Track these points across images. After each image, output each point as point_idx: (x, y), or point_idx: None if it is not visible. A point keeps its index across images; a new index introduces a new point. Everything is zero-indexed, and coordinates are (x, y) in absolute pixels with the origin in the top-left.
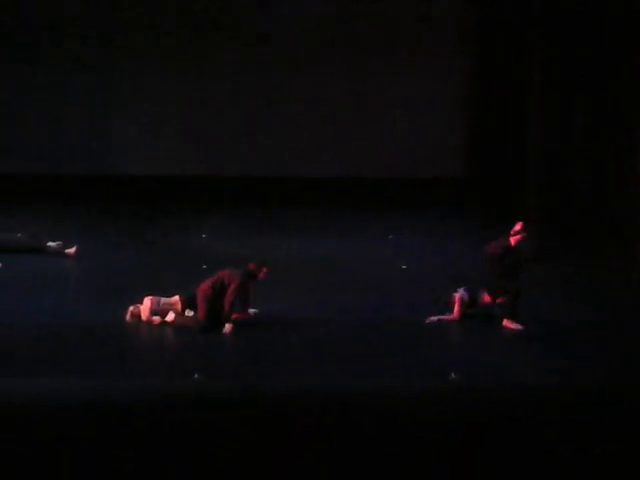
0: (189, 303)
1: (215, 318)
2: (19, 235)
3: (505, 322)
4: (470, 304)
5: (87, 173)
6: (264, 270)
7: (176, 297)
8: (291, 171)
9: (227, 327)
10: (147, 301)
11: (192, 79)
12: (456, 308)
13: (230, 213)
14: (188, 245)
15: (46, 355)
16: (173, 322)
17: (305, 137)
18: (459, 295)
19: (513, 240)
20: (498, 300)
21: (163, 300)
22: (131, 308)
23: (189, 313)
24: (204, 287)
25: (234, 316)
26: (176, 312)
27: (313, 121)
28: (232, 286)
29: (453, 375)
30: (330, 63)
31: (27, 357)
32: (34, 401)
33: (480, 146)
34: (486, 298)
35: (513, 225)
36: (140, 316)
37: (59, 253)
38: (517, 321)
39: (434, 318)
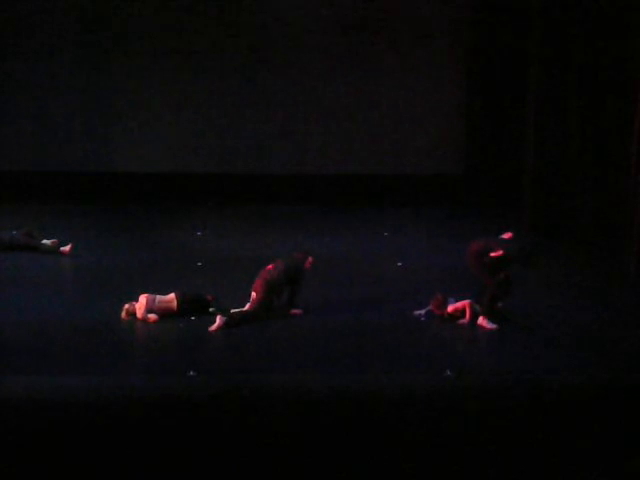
0: (184, 301)
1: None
2: (14, 233)
3: (480, 321)
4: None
5: (82, 171)
6: (309, 260)
7: (172, 295)
8: (288, 169)
9: (296, 311)
10: (142, 299)
11: (191, 77)
12: (468, 313)
13: (226, 211)
14: (183, 243)
15: (40, 353)
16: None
17: (303, 135)
18: (469, 302)
19: (495, 254)
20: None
21: (159, 298)
22: (126, 306)
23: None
24: (262, 283)
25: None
26: (172, 309)
27: (311, 119)
28: (302, 276)
29: (448, 372)
30: (329, 62)
31: (20, 355)
32: (27, 399)
33: (478, 145)
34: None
35: (506, 229)
36: (135, 314)
37: (54, 251)
38: (493, 320)
39: (464, 321)
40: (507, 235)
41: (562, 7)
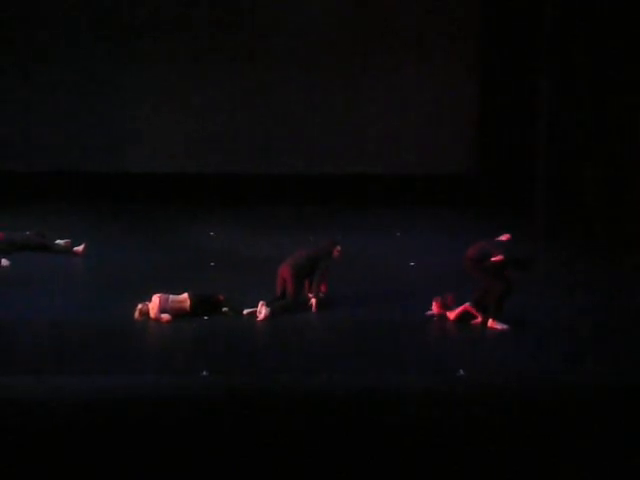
0: (197, 301)
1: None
2: (27, 233)
3: (490, 323)
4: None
5: (95, 171)
6: (337, 249)
7: (185, 295)
8: (300, 169)
9: (314, 304)
10: (156, 299)
11: (196, 78)
12: (477, 314)
13: (238, 211)
14: (196, 243)
15: (54, 353)
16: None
17: (310, 134)
18: (468, 304)
19: (495, 259)
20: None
21: (172, 298)
22: (140, 306)
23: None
24: (289, 268)
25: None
26: (184, 310)
27: (318, 118)
28: (323, 267)
29: (461, 372)
30: (341, 61)
31: (35, 355)
32: (42, 399)
33: (486, 144)
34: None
35: (505, 231)
36: (148, 314)
37: (67, 251)
38: (502, 321)
39: (477, 321)
40: (505, 237)
41: (577, 5)
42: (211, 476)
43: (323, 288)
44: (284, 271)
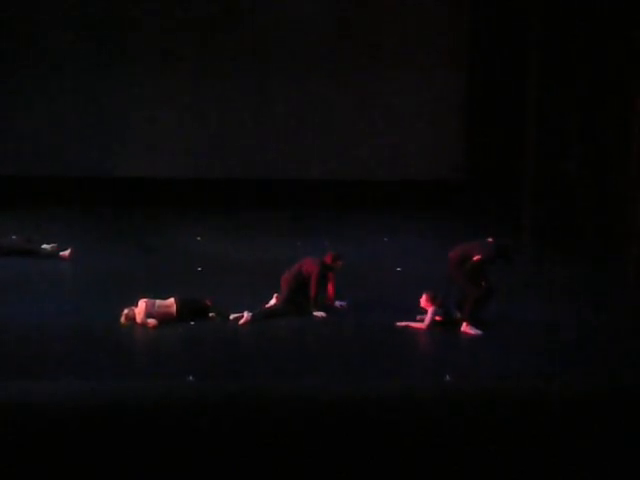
0: (183, 306)
1: (297, 305)
2: (13, 238)
3: (464, 327)
4: (443, 321)
5: (82, 175)
6: (339, 263)
7: (171, 299)
8: (287, 174)
9: (318, 313)
10: (142, 303)
11: (190, 81)
12: (426, 321)
13: (225, 215)
14: (183, 247)
15: (39, 358)
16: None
17: (304, 140)
18: (433, 310)
19: (475, 259)
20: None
21: (158, 302)
22: (126, 311)
23: (151, 321)
24: (287, 276)
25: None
26: (171, 314)
27: (311, 125)
28: (312, 275)
29: (448, 377)
30: (329, 66)
31: (19, 359)
32: (25, 403)
33: (476, 149)
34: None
35: (489, 236)
36: (135, 319)
37: (53, 255)
38: (476, 326)
39: (402, 324)
40: (490, 239)
41: (562, 8)
42: None
43: (330, 299)
44: (282, 282)
